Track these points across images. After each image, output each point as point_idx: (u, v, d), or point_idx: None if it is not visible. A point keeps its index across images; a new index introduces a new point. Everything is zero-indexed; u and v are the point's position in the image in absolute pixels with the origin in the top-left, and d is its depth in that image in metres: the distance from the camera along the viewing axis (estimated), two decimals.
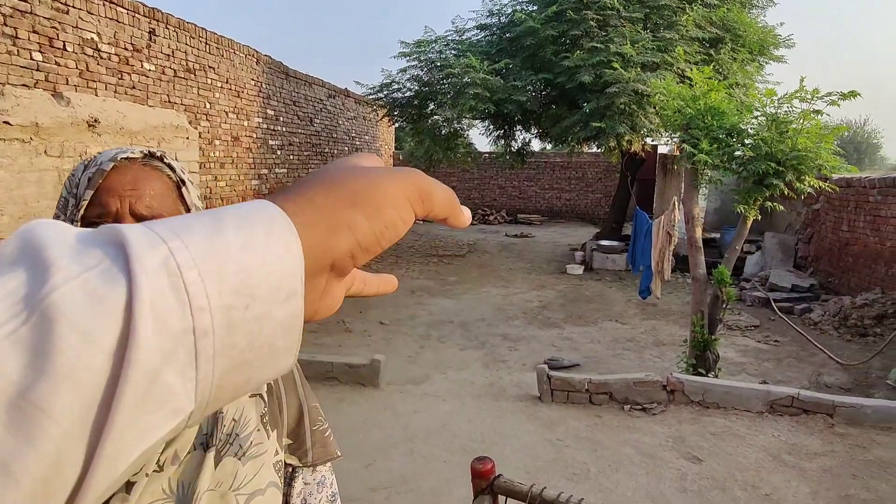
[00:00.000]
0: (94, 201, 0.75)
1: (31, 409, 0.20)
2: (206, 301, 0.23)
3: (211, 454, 0.71)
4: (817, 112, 4.01)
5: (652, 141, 10.45)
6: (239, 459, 0.73)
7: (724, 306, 4.50)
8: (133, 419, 0.21)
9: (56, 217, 0.76)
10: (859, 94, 3.88)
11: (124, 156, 0.78)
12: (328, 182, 0.30)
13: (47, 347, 0.20)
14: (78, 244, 0.23)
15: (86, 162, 0.79)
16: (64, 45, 5.50)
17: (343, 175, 0.31)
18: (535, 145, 13.37)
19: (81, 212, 0.75)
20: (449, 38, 10.24)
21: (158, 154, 0.82)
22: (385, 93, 10.39)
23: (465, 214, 0.35)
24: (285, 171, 10.53)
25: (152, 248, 0.23)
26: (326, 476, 0.92)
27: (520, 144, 11.72)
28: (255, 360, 0.25)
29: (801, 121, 4.05)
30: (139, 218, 0.76)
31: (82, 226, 0.74)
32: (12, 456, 0.19)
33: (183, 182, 0.83)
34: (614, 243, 10.02)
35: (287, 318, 0.26)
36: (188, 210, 0.84)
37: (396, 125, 12.50)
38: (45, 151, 3.22)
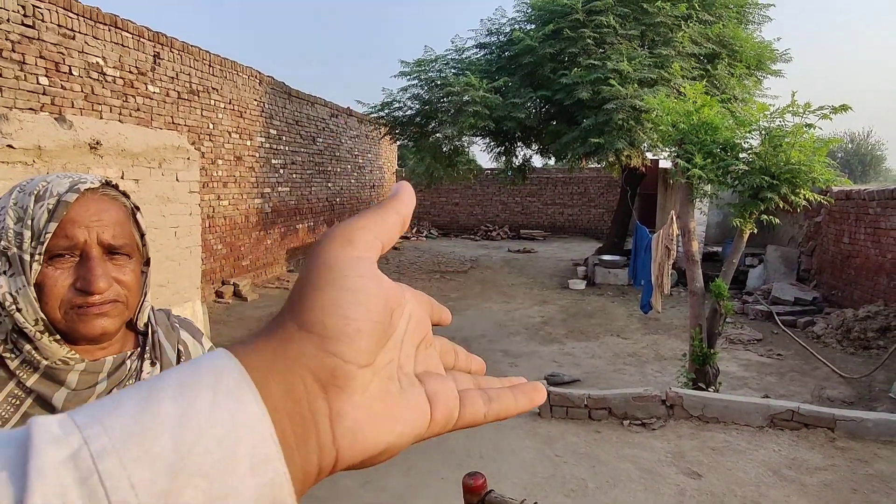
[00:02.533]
0: (59, 233, 0.74)
1: None
2: (129, 491, 0.19)
3: None
4: (809, 126, 4.04)
5: (652, 156, 10.51)
6: None
7: (722, 320, 4.49)
8: None
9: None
10: (850, 108, 3.92)
11: (85, 186, 0.77)
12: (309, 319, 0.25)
13: None
14: None
15: (31, 191, 0.75)
16: (70, 70, 5.64)
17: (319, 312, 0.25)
18: (537, 161, 13.46)
19: (44, 245, 0.73)
20: (449, 57, 10.39)
21: (113, 183, 0.83)
22: (386, 111, 10.52)
23: None
24: (288, 189, 10.64)
25: (58, 442, 0.20)
26: None
27: (521, 161, 11.81)
28: None
29: (795, 135, 4.08)
30: (106, 247, 0.77)
31: (45, 259, 0.74)
32: None
33: (137, 208, 0.85)
34: (616, 258, 10.02)
35: (260, 491, 0.21)
36: (143, 236, 0.85)
37: (399, 143, 12.64)
38: (48, 174, 3.31)
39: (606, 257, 10.11)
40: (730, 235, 10.72)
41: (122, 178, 3.65)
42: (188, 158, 4.34)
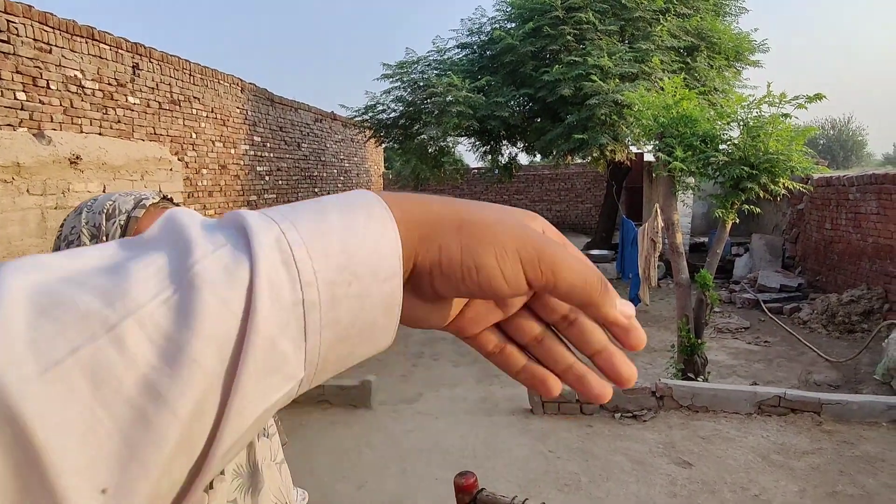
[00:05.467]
0: None
1: (187, 359, 0.22)
2: (313, 276, 0.25)
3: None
4: (786, 116, 4.11)
5: (636, 149, 10.60)
6: (268, 438, 0.96)
7: (709, 310, 4.55)
8: (255, 380, 0.24)
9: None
10: (825, 97, 3.98)
11: (149, 202, 0.89)
12: (450, 201, 0.31)
13: (196, 310, 0.23)
14: (208, 228, 0.26)
15: (99, 210, 0.86)
16: (48, 84, 5.58)
17: (469, 204, 0.31)
18: (523, 159, 13.51)
19: None
20: (430, 58, 10.40)
21: (169, 197, 0.96)
22: (370, 114, 10.52)
23: (621, 313, 0.30)
24: (274, 196, 10.60)
25: (267, 229, 0.25)
26: None
27: (507, 159, 11.85)
28: (357, 336, 0.27)
29: (772, 125, 4.14)
30: None
31: None
32: (171, 392, 0.22)
33: None
34: (604, 252, 10.10)
35: (386, 297, 0.27)
36: None
37: (384, 145, 12.64)
38: (28, 190, 3.27)
39: (595, 252, 10.17)
40: (715, 226, 10.81)
41: (103, 191, 3.63)
42: (171, 170, 4.33)
